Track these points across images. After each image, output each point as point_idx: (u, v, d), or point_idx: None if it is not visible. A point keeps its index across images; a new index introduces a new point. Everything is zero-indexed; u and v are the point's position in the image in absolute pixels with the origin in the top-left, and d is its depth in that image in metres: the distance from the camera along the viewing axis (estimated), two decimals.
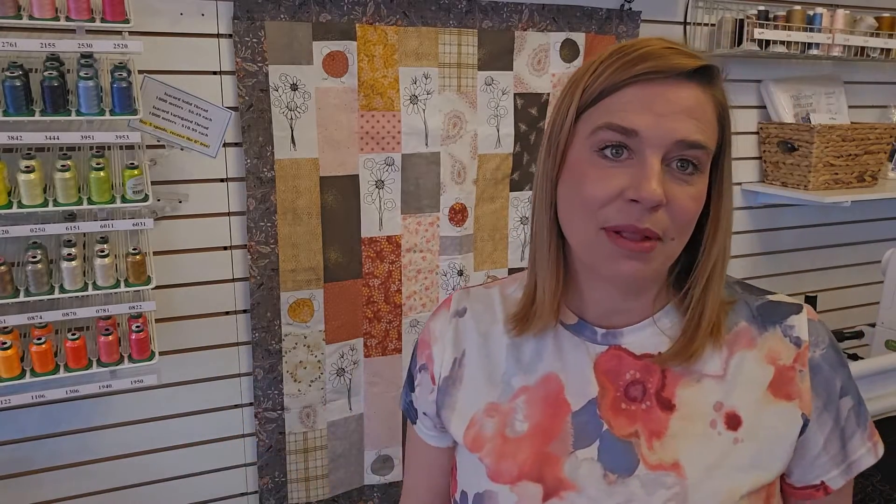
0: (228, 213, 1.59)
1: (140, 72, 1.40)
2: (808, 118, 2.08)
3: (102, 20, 1.26)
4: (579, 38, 1.82)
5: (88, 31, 1.29)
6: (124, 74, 1.27)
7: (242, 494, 1.73)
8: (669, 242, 0.67)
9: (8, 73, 1.20)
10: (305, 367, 1.68)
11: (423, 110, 1.69)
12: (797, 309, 0.74)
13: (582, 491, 0.70)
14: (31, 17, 1.22)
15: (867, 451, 0.73)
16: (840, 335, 2.02)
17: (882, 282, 1.97)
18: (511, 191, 1.84)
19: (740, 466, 0.69)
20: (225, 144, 1.54)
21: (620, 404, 0.72)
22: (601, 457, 0.70)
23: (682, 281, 0.74)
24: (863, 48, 2.03)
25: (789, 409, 0.70)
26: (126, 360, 1.37)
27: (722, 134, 0.69)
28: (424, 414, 0.84)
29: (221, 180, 1.57)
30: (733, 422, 0.70)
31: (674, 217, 0.65)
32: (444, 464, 0.87)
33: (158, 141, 1.47)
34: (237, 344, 1.65)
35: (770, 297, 0.76)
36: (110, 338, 1.35)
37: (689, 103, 0.65)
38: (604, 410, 0.72)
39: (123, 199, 1.31)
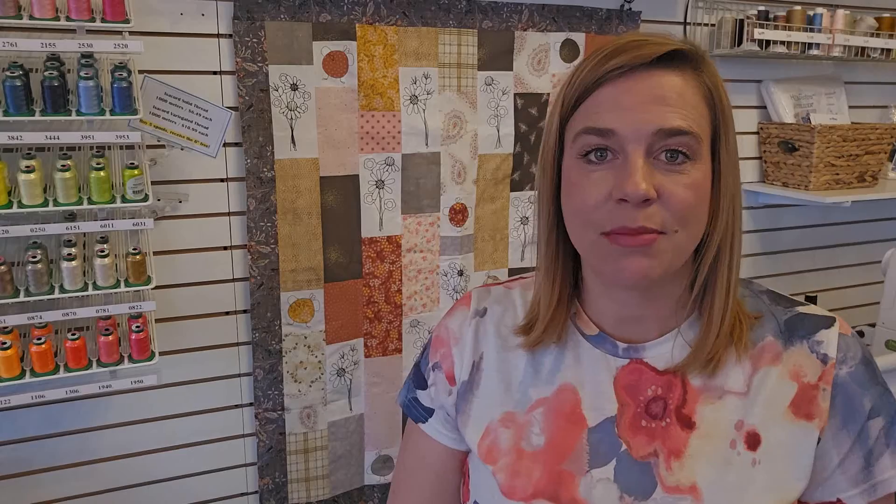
0: (228, 213, 1.59)
1: (140, 72, 1.40)
2: (809, 118, 2.08)
3: (102, 20, 1.26)
4: (579, 38, 1.82)
5: (89, 31, 1.29)
6: (124, 74, 1.27)
7: (242, 494, 1.72)
8: (673, 235, 0.63)
9: (8, 73, 1.20)
10: (306, 368, 1.68)
11: (424, 110, 1.69)
12: (828, 322, 0.70)
13: None
14: (31, 17, 1.22)
15: None
16: None
17: (882, 282, 1.97)
18: (511, 191, 1.84)
19: (759, 490, 0.66)
20: (225, 144, 1.53)
21: (641, 421, 0.70)
22: (617, 478, 0.69)
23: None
24: (863, 48, 2.03)
25: (808, 429, 0.67)
26: (126, 360, 1.37)
27: (715, 116, 0.67)
28: (447, 413, 0.80)
29: (221, 180, 1.57)
30: (753, 441, 0.67)
31: (670, 209, 0.63)
32: (457, 467, 0.82)
33: (158, 141, 1.47)
34: (237, 344, 1.65)
35: (800, 309, 0.72)
36: (110, 338, 1.35)
37: (661, 91, 0.63)
38: (622, 429, 0.70)
39: (123, 199, 1.31)
